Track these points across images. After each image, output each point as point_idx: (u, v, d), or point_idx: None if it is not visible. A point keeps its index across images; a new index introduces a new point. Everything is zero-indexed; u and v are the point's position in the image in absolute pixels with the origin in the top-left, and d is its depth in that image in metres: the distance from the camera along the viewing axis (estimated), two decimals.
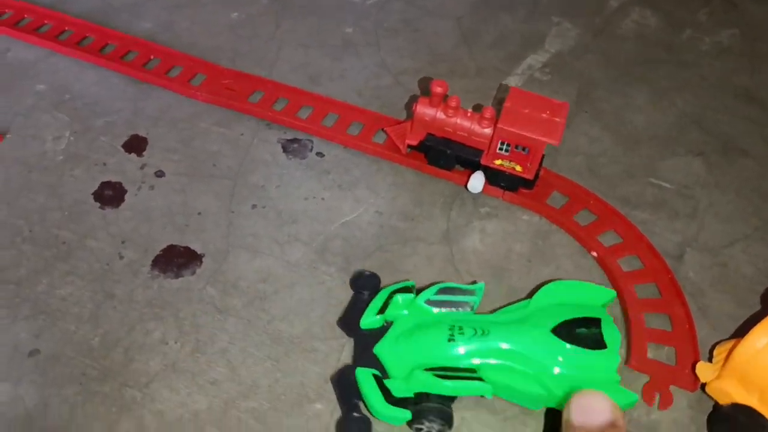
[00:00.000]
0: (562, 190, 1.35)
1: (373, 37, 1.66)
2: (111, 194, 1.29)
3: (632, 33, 1.73)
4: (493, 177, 1.31)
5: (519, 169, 1.27)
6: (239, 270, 1.19)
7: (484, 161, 1.30)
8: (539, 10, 1.77)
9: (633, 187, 1.36)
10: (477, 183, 1.29)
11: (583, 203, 1.32)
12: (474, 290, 1.05)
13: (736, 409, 1.00)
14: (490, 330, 0.94)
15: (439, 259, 1.23)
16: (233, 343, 1.09)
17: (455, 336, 0.93)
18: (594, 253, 1.25)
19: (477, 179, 1.29)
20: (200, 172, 1.34)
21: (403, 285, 1.11)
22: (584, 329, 0.95)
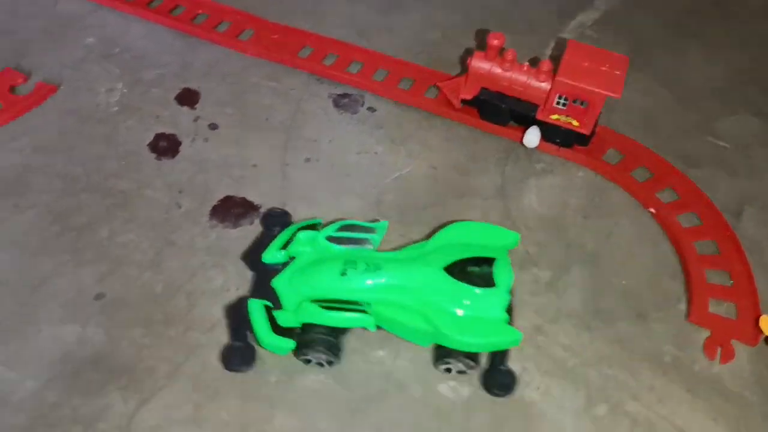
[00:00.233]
0: (617, 147, 1.33)
1: None
2: (166, 145, 1.29)
3: None
4: (548, 132, 1.30)
5: (576, 123, 1.26)
6: (297, 220, 1.18)
7: (540, 116, 1.28)
8: None
9: (690, 144, 1.34)
10: (533, 137, 1.28)
11: (639, 160, 1.31)
12: (375, 228, 1.01)
13: None
14: (382, 266, 0.92)
15: (495, 214, 1.23)
16: None
17: (348, 271, 0.92)
18: (652, 209, 1.23)
19: (533, 134, 1.28)
20: (253, 125, 1.34)
21: (309, 222, 1.09)
22: (477, 268, 0.94)
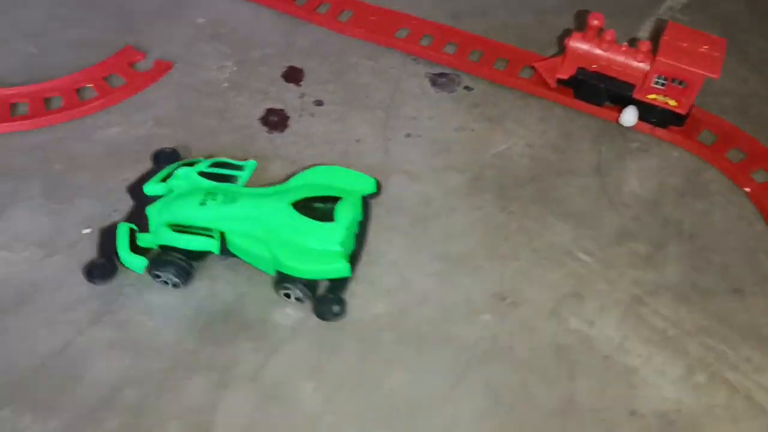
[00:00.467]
0: (711, 128, 1.36)
1: None
2: (275, 120, 1.36)
3: None
4: (643, 112, 1.33)
5: (673, 103, 1.29)
6: (400, 193, 1.25)
7: (637, 95, 1.32)
8: None
9: None
10: (631, 116, 1.32)
11: (732, 141, 1.33)
12: (244, 166, 1.13)
13: None
14: (238, 199, 1.03)
15: (592, 191, 1.27)
16: (402, 257, 1.16)
17: (207, 201, 1.03)
18: (747, 189, 1.26)
19: (631, 113, 1.32)
20: (355, 102, 1.41)
21: (191, 161, 1.16)
22: (321, 205, 1.04)
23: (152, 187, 1.11)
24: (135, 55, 1.44)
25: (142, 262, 1.06)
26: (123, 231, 1.06)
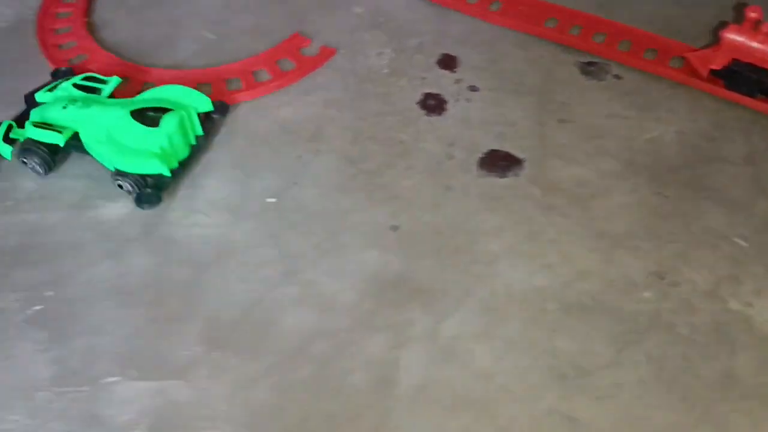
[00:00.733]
0: None
1: None
2: (433, 104, 1.45)
3: None
4: None
5: None
6: (557, 175, 1.31)
7: None
8: None
9: None
10: None
11: None
12: (108, 81, 1.35)
13: None
14: (91, 106, 1.26)
15: (744, 179, 1.30)
16: (561, 235, 1.23)
17: (68, 106, 1.26)
18: None
19: None
20: (508, 88, 1.48)
21: (82, 76, 1.36)
22: (153, 114, 1.25)
23: (42, 96, 1.32)
24: (302, 41, 1.56)
25: (8, 149, 1.28)
26: (2, 126, 1.28)
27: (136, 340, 1.11)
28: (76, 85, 1.33)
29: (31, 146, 1.26)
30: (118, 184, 1.26)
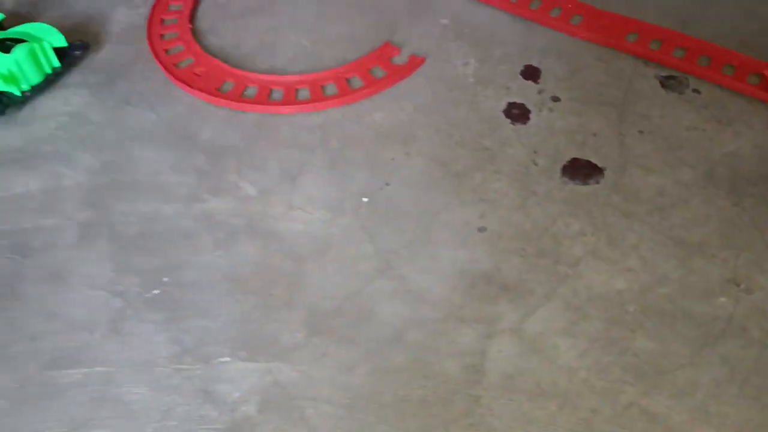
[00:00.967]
0: None
1: None
2: (517, 112, 1.53)
3: None
4: None
5: None
6: (636, 183, 1.38)
7: None
8: None
9: None
10: None
11: None
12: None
13: None
14: None
15: None
16: (641, 242, 1.29)
17: None
18: None
19: None
20: (589, 99, 1.55)
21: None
22: (10, 44, 1.51)
23: None
24: (393, 50, 1.66)
25: None
26: None
27: (245, 324, 1.21)
28: None
29: None
30: None
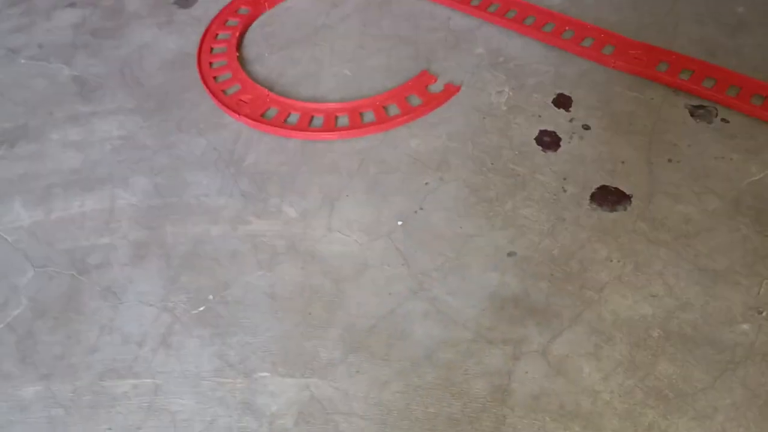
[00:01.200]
0: None
1: (766, 17, 1.79)
2: (549, 140, 1.59)
3: None
4: None
5: None
6: (663, 211, 1.43)
7: None
8: None
9: None
10: None
11: None
12: None
13: None
14: None
15: None
16: (666, 268, 1.34)
17: None
18: None
19: None
20: (620, 128, 1.60)
21: None
22: None
23: None
24: (430, 79, 1.73)
25: None
26: None
27: (285, 341, 1.29)
28: None
29: None
30: None
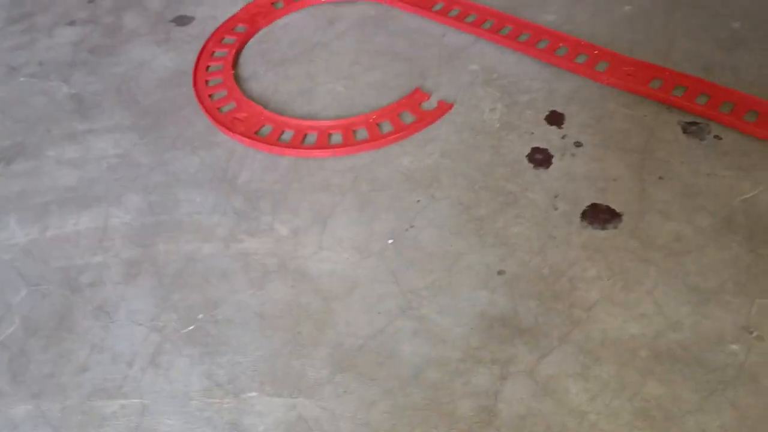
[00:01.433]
0: None
1: (763, 33, 1.79)
2: (540, 157, 1.59)
3: None
4: None
5: None
6: (654, 229, 1.42)
7: None
8: None
9: None
10: None
11: None
12: None
13: None
14: None
15: None
16: (656, 287, 1.34)
17: None
18: None
19: None
20: (612, 145, 1.60)
21: None
22: None
23: None
24: (423, 96, 1.74)
25: None
26: None
27: (274, 360, 1.29)
28: None
29: None
30: None
